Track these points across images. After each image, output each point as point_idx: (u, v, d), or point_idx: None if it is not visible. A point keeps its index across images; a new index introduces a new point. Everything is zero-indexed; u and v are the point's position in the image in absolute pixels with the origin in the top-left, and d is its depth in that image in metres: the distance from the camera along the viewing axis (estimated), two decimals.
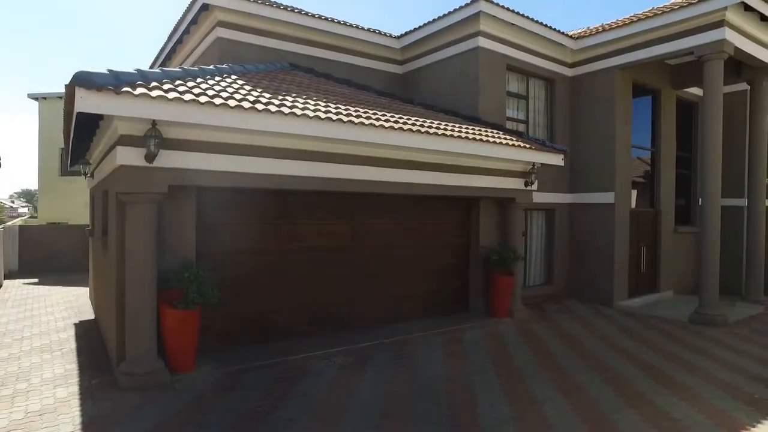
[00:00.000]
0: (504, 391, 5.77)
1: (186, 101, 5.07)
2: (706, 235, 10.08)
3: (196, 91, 5.53)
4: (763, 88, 12.20)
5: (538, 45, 11.42)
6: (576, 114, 12.14)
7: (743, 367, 6.98)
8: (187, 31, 11.16)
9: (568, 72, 12.20)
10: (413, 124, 7.34)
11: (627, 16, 11.00)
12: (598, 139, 11.60)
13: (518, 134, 9.52)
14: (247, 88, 6.67)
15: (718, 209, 10.11)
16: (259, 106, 5.68)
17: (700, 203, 13.91)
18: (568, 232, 12.18)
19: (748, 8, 10.19)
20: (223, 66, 8.09)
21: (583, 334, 8.62)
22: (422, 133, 7.14)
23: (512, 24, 10.61)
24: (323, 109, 6.54)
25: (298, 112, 5.97)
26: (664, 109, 12.71)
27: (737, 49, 10.38)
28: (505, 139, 8.63)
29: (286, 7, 10.20)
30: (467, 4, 10.19)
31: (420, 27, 11.46)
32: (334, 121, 6.22)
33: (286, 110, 5.87)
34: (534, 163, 9.24)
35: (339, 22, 10.94)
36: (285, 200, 7.46)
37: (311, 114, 6.05)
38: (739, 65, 11.73)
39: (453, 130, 7.86)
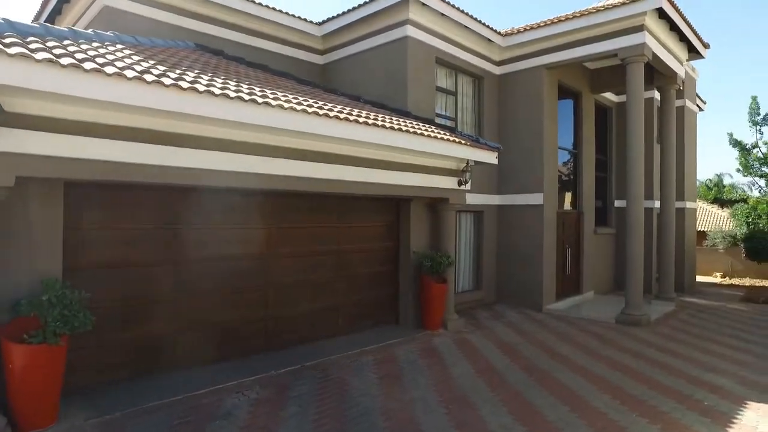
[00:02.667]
0: (453, 421, 4.94)
1: (37, 60, 3.69)
2: (631, 238, 10.10)
3: (58, 51, 4.14)
4: (671, 95, 12.69)
5: (467, 40, 10.94)
6: (504, 113, 11.83)
7: (681, 370, 6.83)
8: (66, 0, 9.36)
9: (496, 70, 11.87)
10: (340, 112, 6.35)
11: (553, 17, 10.86)
12: (526, 139, 11.35)
13: (451, 130, 8.88)
14: (136, 58, 5.32)
15: (641, 211, 10.18)
16: (149, 77, 4.40)
17: (615, 205, 14.39)
18: (497, 234, 11.81)
19: (662, 15, 10.44)
20: (106, 33, 6.59)
21: (521, 343, 8.10)
22: (350, 121, 6.17)
23: (442, 14, 10.00)
24: (232, 87, 5.37)
25: (201, 88, 4.75)
26: (585, 112, 12.83)
27: (654, 55, 10.60)
28: (440, 133, 7.92)
29: None
30: None
31: (344, 13, 10.51)
32: (245, 101, 5.07)
33: (184, 84, 4.63)
34: (468, 160, 8.63)
35: (251, 0, 9.69)
36: (185, 200, 6.14)
37: (217, 92, 4.86)
38: (651, 72, 12.07)
39: (384, 121, 6.98)
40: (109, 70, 4.17)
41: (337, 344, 7.48)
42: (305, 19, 10.75)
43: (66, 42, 4.99)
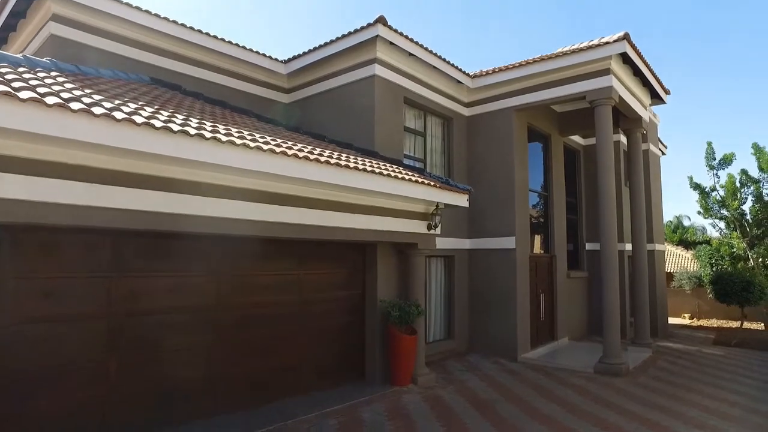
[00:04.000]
0: None
1: None
2: (607, 283, 9.76)
3: None
4: (638, 138, 12.78)
5: (436, 80, 10.77)
6: (474, 155, 11.59)
7: (670, 428, 6.29)
8: (13, 28, 8.73)
9: (466, 111, 11.72)
10: (300, 150, 5.86)
11: (522, 60, 10.85)
12: (497, 181, 11.09)
13: (419, 171, 8.48)
14: (69, 86, 4.72)
15: (615, 255, 9.91)
16: (75, 105, 3.81)
17: (587, 248, 14.19)
18: (469, 280, 11.32)
19: (626, 60, 10.57)
20: (43, 60, 5.99)
21: (498, 400, 7.47)
22: (311, 160, 5.67)
23: (411, 54, 9.80)
24: (179, 122, 4.81)
25: (139, 119, 4.18)
26: (555, 155, 12.76)
27: (621, 99, 10.65)
28: (408, 174, 7.49)
29: (145, 10, 8.33)
30: (363, 27, 9.17)
31: (310, 51, 10.21)
32: (192, 135, 4.51)
33: (119, 115, 4.05)
34: (438, 203, 8.21)
35: (213, 36, 9.30)
36: (119, 244, 5.44)
37: (158, 125, 4.29)
38: (617, 116, 12.15)
39: (348, 161, 6.51)
40: (23, 95, 3.57)
41: (297, 405, 6.70)
42: (270, 57, 10.40)
43: None
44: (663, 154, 18.19)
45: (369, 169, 6.51)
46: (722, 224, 29.29)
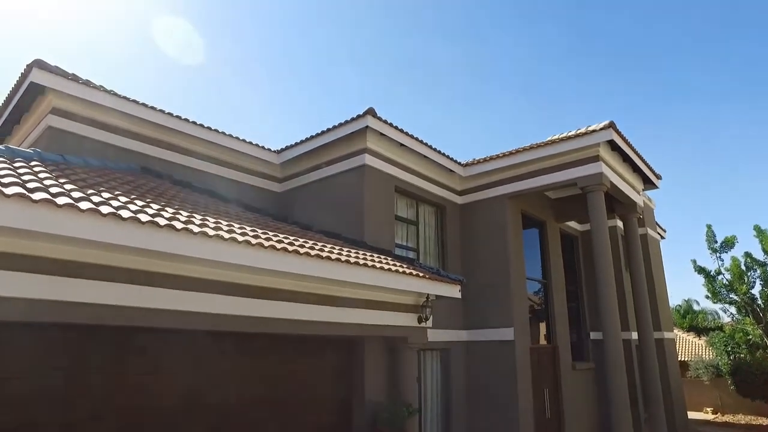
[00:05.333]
0: None
1: None
2: (613, 375, 9.20)
3: None
4: (634, 223, 12.67)
5: (428, 169, 10.86)
6: (468, 243, 11.41)
7: None
8: (16, 120, 8.95)
9: (459, 199, 11.71)
10: (279, 241, 5.66)
11: (513, 148, 11.02)
12: (492, 270, 10.80)
13: (409, 261, 8.25)
14: (42, 176, 4.63)
15: (620, 344, 9.42)
16: (38, 195, 3.67)
17: (591, 337, 13.56)
18: (466, 375, 10.65)
19: (614, 147, 10.72)
20: (26, 150, 6.01)
21: None
22: (289, 252, 5.45)
23: (401, 144, 9.95)
24: (151, 212, 4.66)
25: (105, 210, 4.02)
26: (551, 242, 12.57)
27: (612, 185, 10.67)
28: (395, 265, 7.24)
29: (140, 103, 8.57)
30: (354, 119, 9.38)
31: (302, 141, 10.40)
32: (161, 226, 4.34)
33: (84, 205, 3.90)
34: (428, 295, 7.88)
35: (207, 127, 9.50)
36: (69, 340, 5.09)
37: (125, 215, 4.13)
38: (611, 202, 12.12)
39: (332, 252, 6.29)
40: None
41: None
42: (263, 147, 10.58)
43: None
44: (662, 237, 18.02)
45: (353, 260, 6.28)
46: (733, 309, 28.38)
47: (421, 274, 7.42)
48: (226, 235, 4.93)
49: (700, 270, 27.08)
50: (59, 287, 4.10)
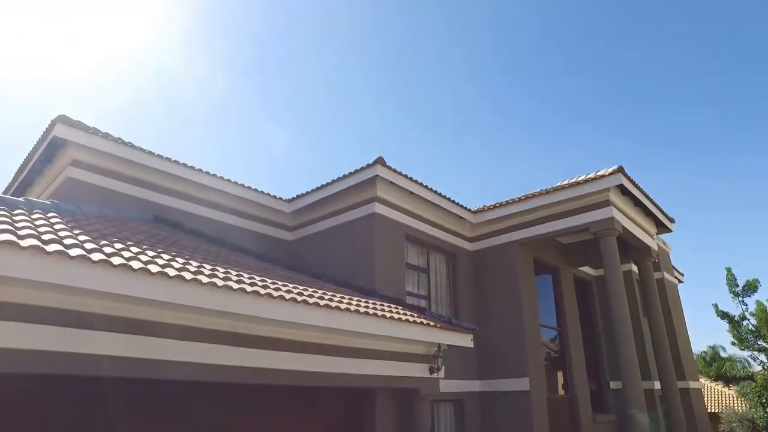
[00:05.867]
0: None
1: None
2: (636, 428, 8.75)
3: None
4: (649, 268, 12.45)
5: (438, 217, 10.91)
6: (480, 290, 11.29)
7: None
8: (39, 171, 9.25)
9: (469, 246, 11.68)
10: (288, 291, 5.67)
11: (522, 194, 11.05)
12: (505, 317, 10.62)
13: (420, 310, 8.16)
14: (58, 227, 4.76)
15: (641, 394, 9.06)
16: (52, 247, 3.77)
17: (611, 386, 13.07)
18: (480, 427, 10.27)
19: (624, 192, 10.69)
20: (44, 201, 6.20)
21: None
22: (298, 302, 5.45)
23: (411, 192, 10.06)
24: (162, 262, 4.73)
25: (117, 261, 4.09)
26: (565, 288, 12.37)
27: (624, 229, 10.59)
28: (405, 315, 7.16)
29: (156, 154, 8.83)
30: (363, 168, 9.55)
31: (313, 190, 10.57)
32: (171, 277, 4.39)
33: (96, 256, 3.99)
34: (440, 344, 7.73)
35: (219, 177, 9.72)
36: (53, 397, 5.05)
37: (137, 266, 4.20)
38: (625, 246, 11.98)
39: (340, 302, 6.26)
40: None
41: None
42: (274, 196, 10.76)
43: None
44: (680, 281, 17.62)
45: (362, 310, 6.24)
46: (763, 357, 27.17)
47: (432, 324, 7.32)
48: (235, 285, 4.96)
49: (723, 315, 26.18)
50: (68, 338, 4.13)
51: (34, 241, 3.78)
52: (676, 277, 16.85)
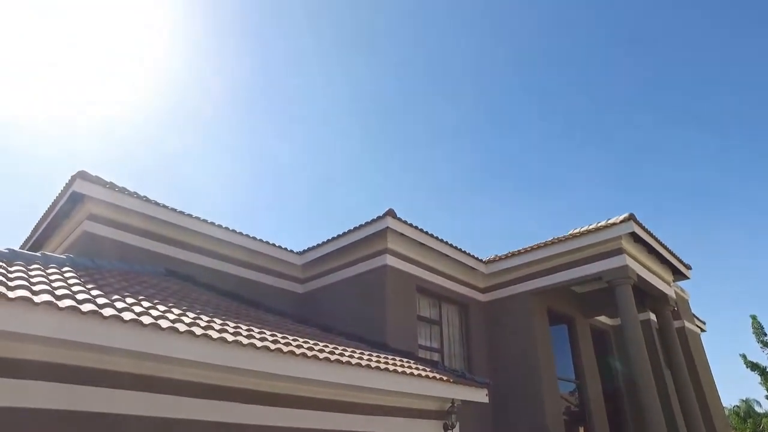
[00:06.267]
0: None
1: None
2: None
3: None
4: (668, 317, 12.12)
5: (449, 268, 10.86)
6: (494, 343, 11.04)
7: None
8: (57, 225, 9.46)
9: (482, 297, 11.54)
10: (299, 347, 5.61)
11: (534, 243, 11.00)
12: (521, 370, 10.32)
13: (433, 364, 7.98)
14: (72, 282, 4.82)
15: None
16: (64, 303, 3.81)
17: None
18: None
19: (637, 239, 10.59)
20: (60, 256, 6.31)
21: None
22: (308, 357, 5.37)
23: (422, 243, 10.08)
24: (171, 317, 4.73)
25: (127, 316, 4.11)
26: (582, 338, 12.06)
27: (639, 277, 10.41)
28: (417, 369, 7.00)
29: (170, 208, 9.01)
30: (374, 220, 9.64)
31: (324, 243, 10.64)
32: (181, 333, 4.38)
33: (107, 312, 4.01)
34: (453, 400, 7.49)
35: (232, 230, 9.85)
36: None
37: (147, 321, 4.21)
38: (641, 295, 11.74)
39: (351, 357, 6.16)
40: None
41: None
42: (285, 248, 10.83)
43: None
44: (702, 330, 17.05)
45: (374, 365, 6.12)
46: None
47: (445, 378, 7.14)
48: (245, 341, 4.93)
49: (753, 366, 25.10)
50: (78, 396, 4.10)
51: (47, 297, 3.84)
52: (697, 326, 16.34)
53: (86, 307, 4.00)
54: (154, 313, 4.68)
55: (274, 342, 5.34)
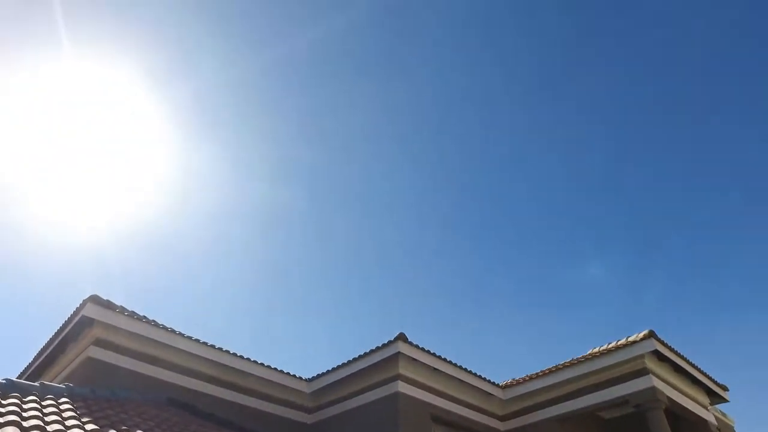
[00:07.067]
0: None
1: None
2: None
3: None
4: None
5: (464, 394, 10.26)
6: None
7: None
8: (63, 351, 9.21)
9: (501, 426, 10.73)
10: None
11: (552, 365, 10.47)
12: None
13: None
14: (66, 415, 4.63)
15: None
16: None
17: None
18: None
19: (662, 357, 10.06)
20: (59, 385, 6.11)
21: None
22: None
23: (434, 369, 9.63)
24: None
25: None
26: None
27: (671, 400, 9.72)
28: None
29: (177, 332, 8.83)
30: (384, 345, 9.31)
31: (333, 369, 10.20)
32: None
33: None
34: None
35: (239, 356, 9.51)
36: None
37: None
38: (677, 420, 10.85)
39: None
40: None
41: None
42: (293, 375, 10.35)
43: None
44: None
45: None
46: None
47: None
48: None
49: None
50: None
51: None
52: None
53: None
54: None
55: None
